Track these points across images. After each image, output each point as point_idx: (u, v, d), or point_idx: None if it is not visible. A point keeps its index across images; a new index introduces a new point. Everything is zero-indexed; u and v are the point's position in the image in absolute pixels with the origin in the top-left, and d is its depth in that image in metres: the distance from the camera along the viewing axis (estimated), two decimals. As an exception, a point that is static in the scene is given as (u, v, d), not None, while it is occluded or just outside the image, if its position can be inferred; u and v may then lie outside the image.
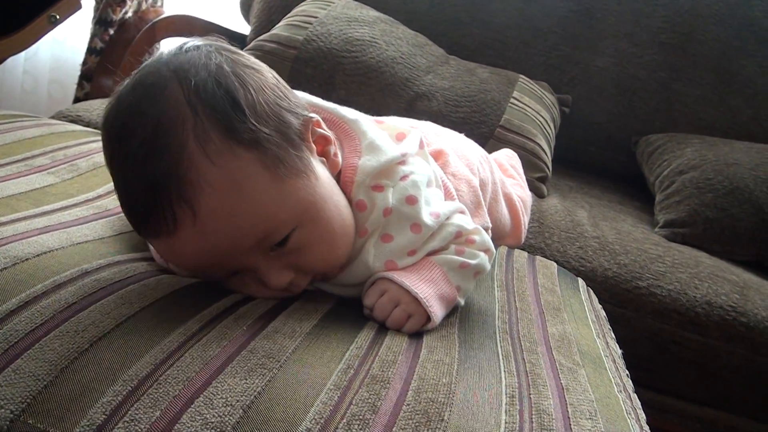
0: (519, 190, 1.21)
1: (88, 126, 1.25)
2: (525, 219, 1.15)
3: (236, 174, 0.55)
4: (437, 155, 0.88)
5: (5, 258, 0.56)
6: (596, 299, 1.01)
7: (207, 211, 0.54)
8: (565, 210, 1.44)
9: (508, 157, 1.32)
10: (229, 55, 0.60)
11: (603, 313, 0.97)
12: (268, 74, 0.63)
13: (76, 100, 1.56)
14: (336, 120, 0.72)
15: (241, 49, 2.00)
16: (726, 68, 1.93)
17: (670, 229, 1.51)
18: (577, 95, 1.93)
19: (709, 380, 1.26)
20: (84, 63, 1.53)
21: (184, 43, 0.61)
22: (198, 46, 0.60)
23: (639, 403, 0.73)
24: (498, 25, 1.96)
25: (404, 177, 0.68)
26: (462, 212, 0.73)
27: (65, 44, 2.21)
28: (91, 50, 1.51)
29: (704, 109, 1.92)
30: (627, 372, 0.80)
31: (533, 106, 1.64)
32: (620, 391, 0.68)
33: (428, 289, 0.65)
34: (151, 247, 0.68)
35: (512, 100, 1.61)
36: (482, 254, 0.71)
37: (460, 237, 0.70)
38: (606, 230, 1.39)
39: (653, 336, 1.24)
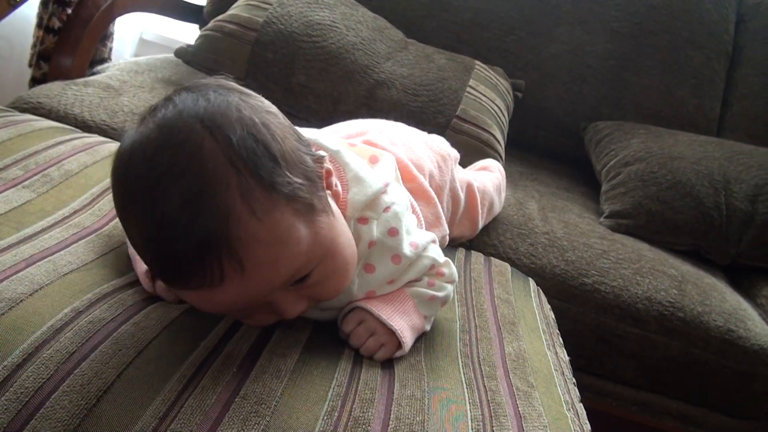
0: (489, 180, 1.26)
1: (49, 114, 1.25)
2: (484, 211, 1.21)
3: (279, 226, 0.56)
4: (401, 172, 0.92)
5: (1, 302, 0.59)
6: (545, 300, 1.08)
7: (253, 264, 0.55)
8: (516, 203, 1.50)
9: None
10: (247, 99, 0.60)
11: (552, 315, 1.04)
12: (280, 115, 0.63)
13: (33, 80, 1.54)
14: (317, 148, 0.73)
15: (198, 23, 1.97)
16: (674, 59, 2.00)
17: (614, 219, 1.58)
18: (530, 80, 1.98)
19: (647, 369, 1.36)
20: (41, 42, 1.50)
21: (196, 87, 0.60)
22: (217, 91, 0.59)
23: (584, 413, 0.80)
24: (456, 8, 1.98)
25: (387, 209, 0.72)
26: (434, 242, 0.77)
27: None
28: (48, 29, 1.48)
29: (651, 98, 2.00)
30: (573, 380, 0.88)
31: (488, 94, 1.68)
32: (569, 410, 0.75)
33: (402, 322, 0.71)
34: (139, 271, 0.71)
35: (468, 89, 1.64)
36: (449, 287, 0.76)
37: (433, 269, 0.76)
38: (555, 224, 1.45)
39: (596, 329, 1.32)
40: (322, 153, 0.66)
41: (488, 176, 1.29)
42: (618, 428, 1.42)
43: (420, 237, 0.75)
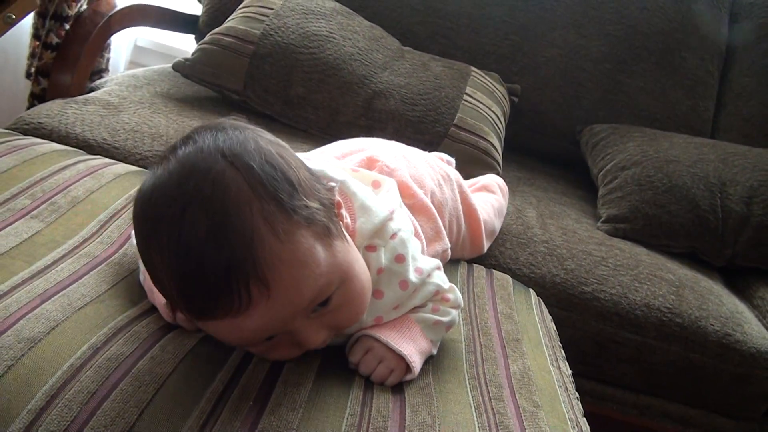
0: (489, 205, 1.28)
1: (51, 135, 1.26)
2: (486, 234, 1.22)
3: (301, 247, 0.59)
4: (401, 189, 0.93)
5: (20, 342, 0.60)
6: (546, 312, 1.10)
7: (279, 285, 0.57)
8: (515, 210, 1.52)
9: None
10: (262, 134, 0.64)
11: (553, 326, 1.06)
12: (290, 149, 0.66)
13: (32, 95, 1.55)
14: (325, 180, 0.75)
15: (194, 33, 1.97)
16: (668, 61, 2.02)
17: (612, 224, 1.60)
18: (526, 85, 1.99)
19: (646, 373, 1.38)
20: (39, 58, 1.50)
21: (213, 126, 0.63)
22: (233, 127, 0.62)
23: (588, 428, 0.82)
24: (450, 13, 1.99)
25: (393, 235, 0.74)
26: (439, 268, 0.79)
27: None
28: (46, 45, 1.49)
29: (646, 100, 2.01)
30: (577, 395, 0.90)
31: (485, 101, 1.69)
32: (573, 427, 0.77)
33: (409, 347, 0.73)
34: (157, 303, 0.72)
35: (465, 96, 1.66)
36: (454, 312, 0.78)
37: (437, 295, 0.77)
38: (553, 231, 1.47)
39: (595, 336, 1.34)
40: (332, 184, 0.68)
41: (489, 200, 1.30)
42: (618, 431, 1.45)
43: (425, 263, 0.77)
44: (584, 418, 0.84)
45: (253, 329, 0.60)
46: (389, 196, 0.80)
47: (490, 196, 1.31)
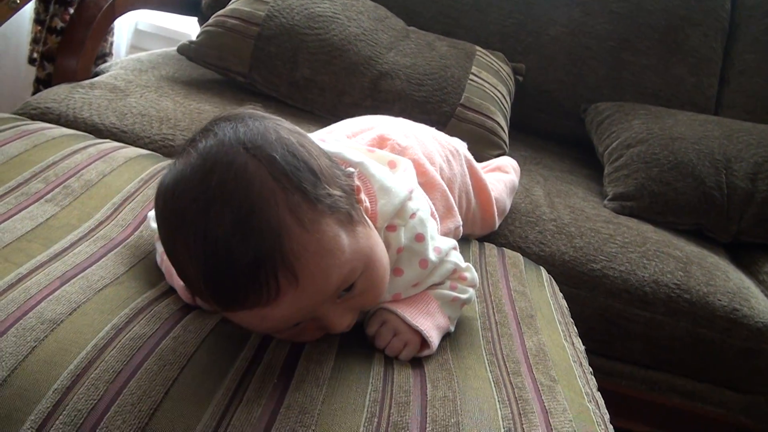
0: (501, 183, 1.28)
1: (59, 119, 1.26)
2: (498, 211, 1.22)
3: (326, 235, 0.59)
4: (414, 167, 0.93)
5: (43, 324, 0.61)
6: (558, 289, 1.10)
7: (307, 275, 0.57)
8: (523, 189, 1.52)
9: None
10: (281, 123, 0.63)
11: (564, 303, 1.07)
12: (308, 136, 0.66)
13: (37, 80, 1.54)
14: (343, 164, 0.74)
15: (197, 15, 1.97)
16: (672, 38, 2.01)
17: (618, 202, 1.61)
18: (530, 64, 1.99)
19: (654, 349, 1.39)
20: (44, 43, 1.50)
21: (232, 117, 0.62)
22: (252, 117, 0.62)
23: (603, 402, 0.83)
24: (454, -8, 1.99)
25: (413, 215, 0.74)
26: (455, 248, 0.80)
27: None
28: (51, 30, 1.49)
29: (650, 78, 2.01)
30: (590, 370, 0.90)
31: (491, 81, 1.69)
32: (590, 401, 0.78)
33: (427, 322, 0.73)
34: (177, 286, 0.72)
35: (471, 76, 1.66)
36: (471, 290, 0.79)
37: (455, 273, 0.78)
38: (561, 209, 1.48)
39: (604, 312, 1.35)
40: (351, 170, 0.69)
41: (501, 178, 1.30)
42: (627, 406, 1.46)
43: (443, 243, 0.78)
44: (598, 392, 0.85)
45: (281, 318, 0.61)
46: (406, 176, 0.80)
47: (502, 175, 1.32)
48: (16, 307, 0.62)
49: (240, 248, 0.55)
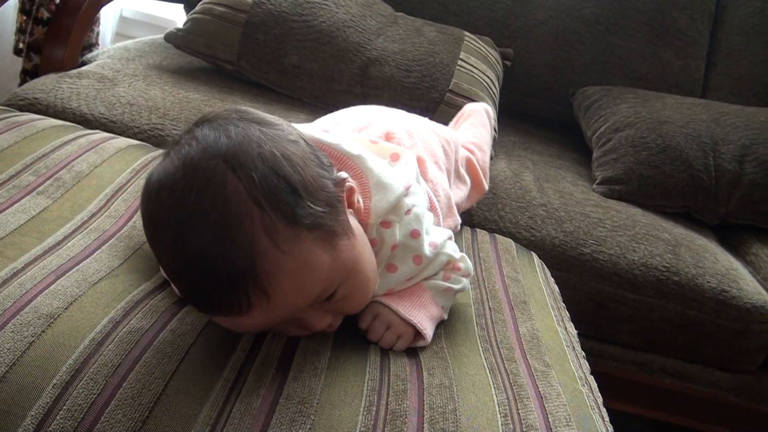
0: (481, 138, 1.29)
1: (47, 110, 1.25)
2: (484, 169, 1.24)
3: (302, 256, 0.59)
4: (418, 163, 0.93)
5: (39, 318, 0.61)
6: (549, 274, 1.11)
7: (278, 293, 0.58)
8: (513, 175, 1.53)
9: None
10: (267, 131, 0.62)
11: (556, 288, 1.08)
12: (302, 142, 0.65)
13: (24, 71, 1.53)
14: (340, 156, 0.74)
15: (183, 3, 1.95)
16: (659, 21, 2.02)
17: (607, 186, 1.62)
18: (518, 48, 1.99)
19: (644, 331, 1.41)
20: (30, 33, 1.48)
21: (217, 120, 0.62)
22: (237, 125, 0.61)
23: (596, 385, 0.84)
24: (442, -23, 1.98)
25: (408, 211, 0.74)
26: (450, 239, 0.80)
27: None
28: (37, 20, 1.47)
29: (637, 61, 2.02)
30: (583, 354, 0.91)
31: (479, 66, 1.69)
32: (583, 385, 0.79)
33: (420, 315, 0.74)
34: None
35: (459, 61, 1.65)
36: (465, 280, 0.79)
37: (449, 264, 0.78)
38: (551, 194, 1.48)
39: (595, 296, 1.36)
40: (343, 174, 0.68)
41: (477, 132, 1.31)
42: (618, 388, 1.48)
43: (438, 236, 0.78)
44: (591, 376, 0.86)
45: (254, 326, 0.63)
46: (407, 169, 0.79)
47: (475, 123, 1.32)
48: (12, 302, 0.62)
49: (214, 264, 0.56)
